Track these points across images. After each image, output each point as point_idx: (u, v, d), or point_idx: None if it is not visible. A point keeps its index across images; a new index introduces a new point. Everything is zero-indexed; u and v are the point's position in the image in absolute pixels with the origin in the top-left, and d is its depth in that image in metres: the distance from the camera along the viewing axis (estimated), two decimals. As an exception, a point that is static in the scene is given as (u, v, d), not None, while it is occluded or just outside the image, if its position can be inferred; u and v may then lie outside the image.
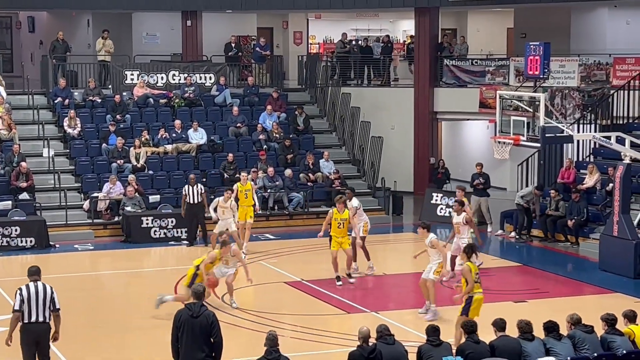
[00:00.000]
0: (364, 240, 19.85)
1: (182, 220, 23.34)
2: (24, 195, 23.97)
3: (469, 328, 11.88)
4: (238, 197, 22.02)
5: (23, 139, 26.04)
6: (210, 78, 29.42)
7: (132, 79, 28.71)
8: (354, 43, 34.01)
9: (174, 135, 26.89)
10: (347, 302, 17.92)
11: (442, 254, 16.72)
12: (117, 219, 24.22)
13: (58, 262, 21.81)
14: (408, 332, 15.45)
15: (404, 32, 39.16)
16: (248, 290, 17.75)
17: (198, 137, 26.97)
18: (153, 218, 23.71)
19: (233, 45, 31.56)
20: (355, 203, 20.05)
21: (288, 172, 26.27)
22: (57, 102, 27.56)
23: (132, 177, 24.64)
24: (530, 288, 19.35)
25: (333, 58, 32.70)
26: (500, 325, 11.97)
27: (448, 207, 25.74)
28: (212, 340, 11.25)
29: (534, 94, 20.94)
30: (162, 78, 29.02)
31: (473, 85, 29.37)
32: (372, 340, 11.38)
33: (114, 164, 25.52)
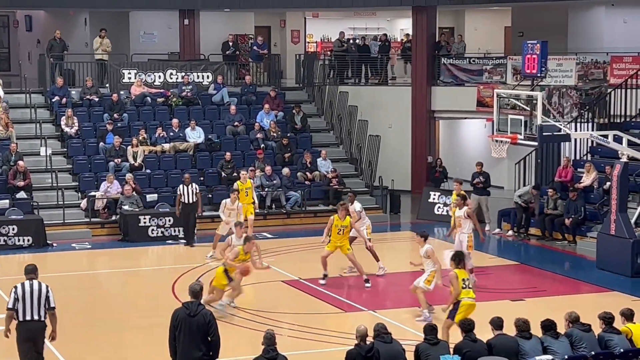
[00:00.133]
0: (370, 242, 19.91)
1: (179, 220, 23.35)
2: (22, 194, 23.96)
3: (467, 327, 11.86)
4: (238, 195, 22.05)
5: (20, 138, 26.02)
6: (208, 77, 29.40)
7: (129, 78, 28.66)
8: (352, 42, 34.02)
9: (172, 134, 26.87)
10: (344, 300, 17.95)
11: (436, 265, 16.63)
12: (114, 218, 24.21)
13: (55, 261, 21.80)
14: (405, 330, 15.46)
15: (402, 30, 39.13)
16: (246, 289, 17.71)
17: (195, 135, 26.96)
18: (150, 217, 23.71)
19: (230, 44, 31.50)
20: (358, 207, 20.08)
21: (285, 170, 26.26)
22: (54, 100, 27.53)
23: (129, 175, 24.62)
24: (528, 286, 19.34)
25: (331, 57, 32.68)
26: (498, 324, 11.97)
27: (445, 205, 25.76)
28: (209, 339, 11.26)
29: (532, 93, 20.94)
30: (159, 77, 28.99)
31: (470, 84, 29.37)
32: (369, 339, 11.38)
33: (112, 163, 25.50)
